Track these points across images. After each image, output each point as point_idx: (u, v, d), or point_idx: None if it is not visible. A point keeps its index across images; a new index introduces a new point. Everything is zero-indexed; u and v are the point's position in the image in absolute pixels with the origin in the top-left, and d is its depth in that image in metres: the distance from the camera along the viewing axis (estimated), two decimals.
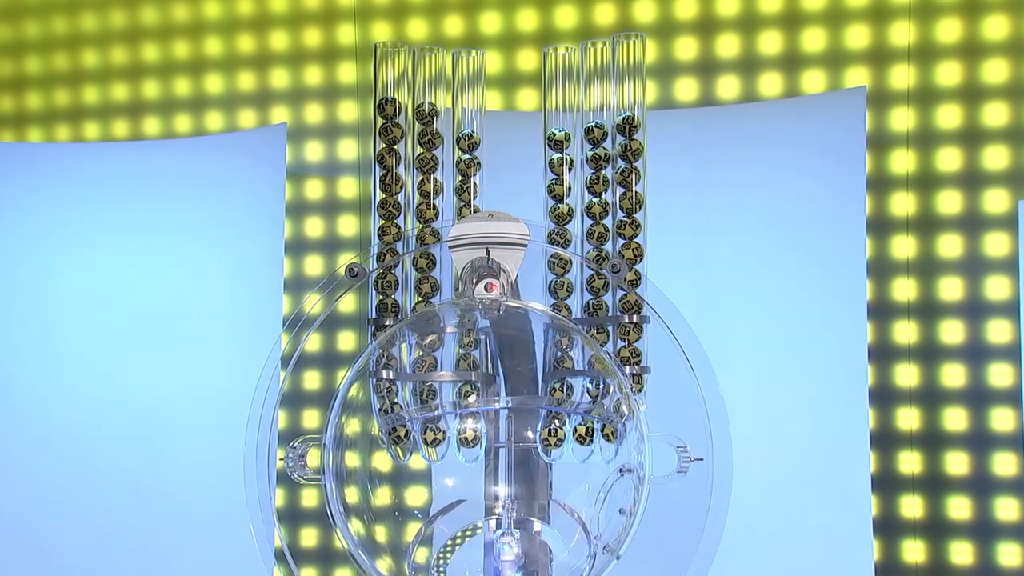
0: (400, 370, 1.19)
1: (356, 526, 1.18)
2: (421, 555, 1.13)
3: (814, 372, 1.62)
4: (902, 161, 1.67)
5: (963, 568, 1.64)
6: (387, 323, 1.22)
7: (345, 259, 1.23)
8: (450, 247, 1.16)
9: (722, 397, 1.16)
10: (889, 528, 1.64)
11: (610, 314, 1.21)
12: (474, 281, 1.14)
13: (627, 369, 1.20)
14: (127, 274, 1.79)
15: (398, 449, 1.19)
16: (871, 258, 1.66)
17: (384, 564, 1.15)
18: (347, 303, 1.61)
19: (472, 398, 1.20)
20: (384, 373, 1.19)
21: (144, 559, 1.77)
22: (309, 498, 1.52)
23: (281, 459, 1.16)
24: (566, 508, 1.20)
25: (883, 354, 1.67)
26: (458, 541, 1.18)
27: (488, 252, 1.14)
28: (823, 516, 1.61)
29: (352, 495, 1.19)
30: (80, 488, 1.77)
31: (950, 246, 1.67)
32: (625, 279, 1.19)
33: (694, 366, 1.15)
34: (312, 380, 1.64)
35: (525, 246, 1.16)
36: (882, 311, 1.67)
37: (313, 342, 1.63)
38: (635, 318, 1.20)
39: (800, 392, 1.62)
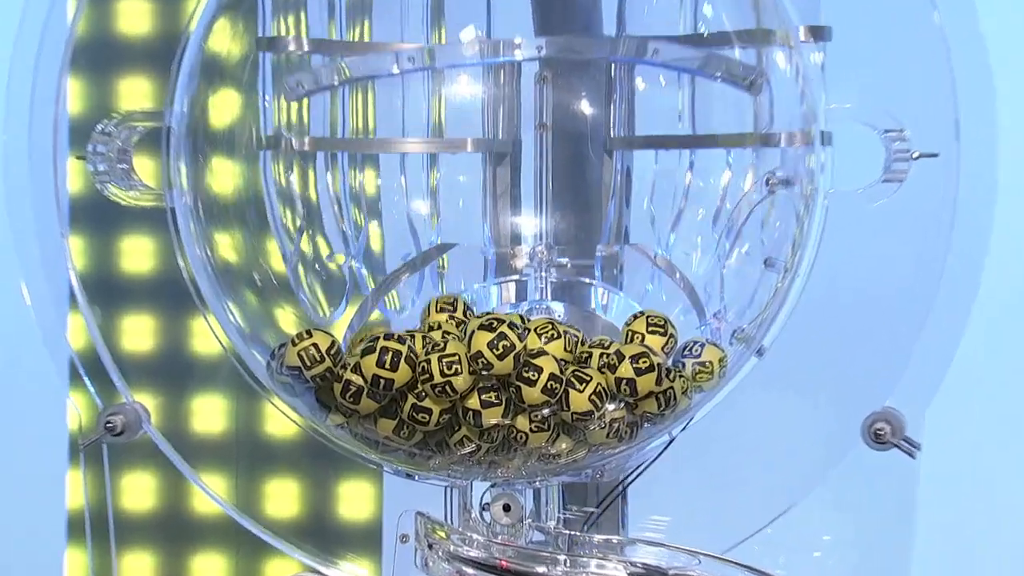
0: None
1: (241, 300, 0.85)
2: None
3: None
4: None
5: None
6: None
7: None
8: None
9: (983, 39, 0.84)
10: None
11: None
12: None
13: None
14: None
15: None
16: None
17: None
18: None
19: (468, 36, 0.85)
20: None
21: None
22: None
23: (79, 156, 0.88)
24: (657, 258, 0.86)
25: None
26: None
27: None
28: None
29: (229, 247, 0.86)
30: None
31: None
32: None
33: None
34: (135, 19, 1.27)
35: None
36: None
37: None
38: None
39: None
